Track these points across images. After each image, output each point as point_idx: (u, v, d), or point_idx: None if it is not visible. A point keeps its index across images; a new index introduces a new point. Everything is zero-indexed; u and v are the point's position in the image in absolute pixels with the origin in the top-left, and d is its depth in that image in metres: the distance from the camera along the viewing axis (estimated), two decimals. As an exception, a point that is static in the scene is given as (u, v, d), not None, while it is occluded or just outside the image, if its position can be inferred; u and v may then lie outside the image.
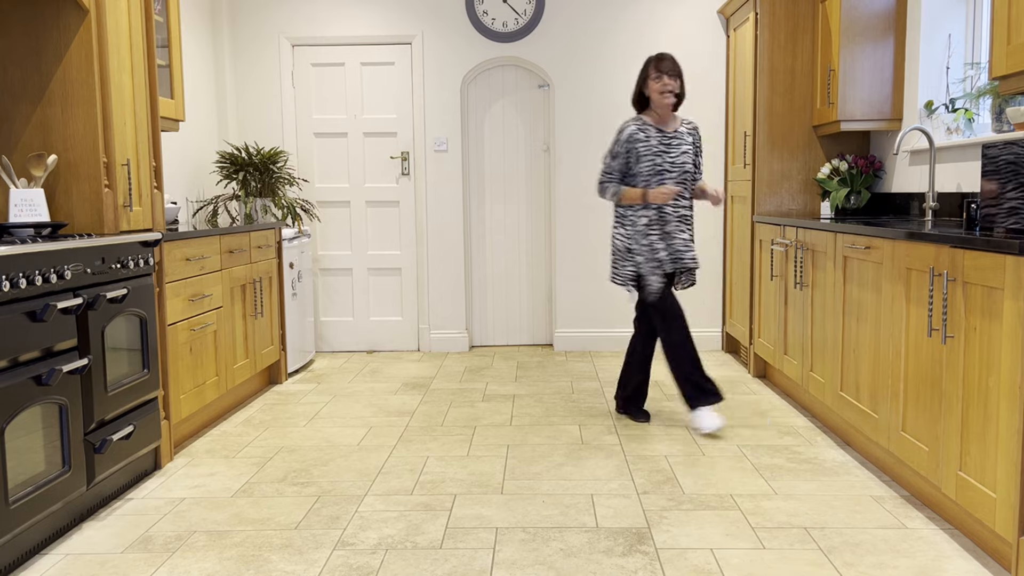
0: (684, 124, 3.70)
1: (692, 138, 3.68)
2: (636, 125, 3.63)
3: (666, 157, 3.60)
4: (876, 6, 4.11)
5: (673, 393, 4.26)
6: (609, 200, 3.74)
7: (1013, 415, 2.12)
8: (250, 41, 5.40)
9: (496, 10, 5.29)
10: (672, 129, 3.66)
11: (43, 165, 2.84)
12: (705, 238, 5.39)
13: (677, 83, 3.59)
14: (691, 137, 3.68)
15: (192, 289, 3.53)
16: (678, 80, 3.60)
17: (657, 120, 3.66)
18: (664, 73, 3.57)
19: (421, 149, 5.42)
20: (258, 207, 4.80)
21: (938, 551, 2.38)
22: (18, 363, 2.34)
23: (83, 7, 2.89)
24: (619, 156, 3.64)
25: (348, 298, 5.57)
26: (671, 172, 3.61)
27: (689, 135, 3.68)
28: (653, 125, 3.64)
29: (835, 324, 3.36)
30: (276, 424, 3.81)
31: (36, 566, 2.37)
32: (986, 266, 2.22)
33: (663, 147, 3.61)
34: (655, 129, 3.63)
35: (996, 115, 3.28)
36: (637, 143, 3.60)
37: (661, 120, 3.66)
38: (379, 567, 2.32)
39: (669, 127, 3.66)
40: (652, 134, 3.61)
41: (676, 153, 3.62)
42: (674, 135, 3.64)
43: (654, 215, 3.62)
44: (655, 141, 3.61)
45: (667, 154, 3.61)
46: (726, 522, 2.60)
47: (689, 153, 3.65)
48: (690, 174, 3.66)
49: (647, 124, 3.63)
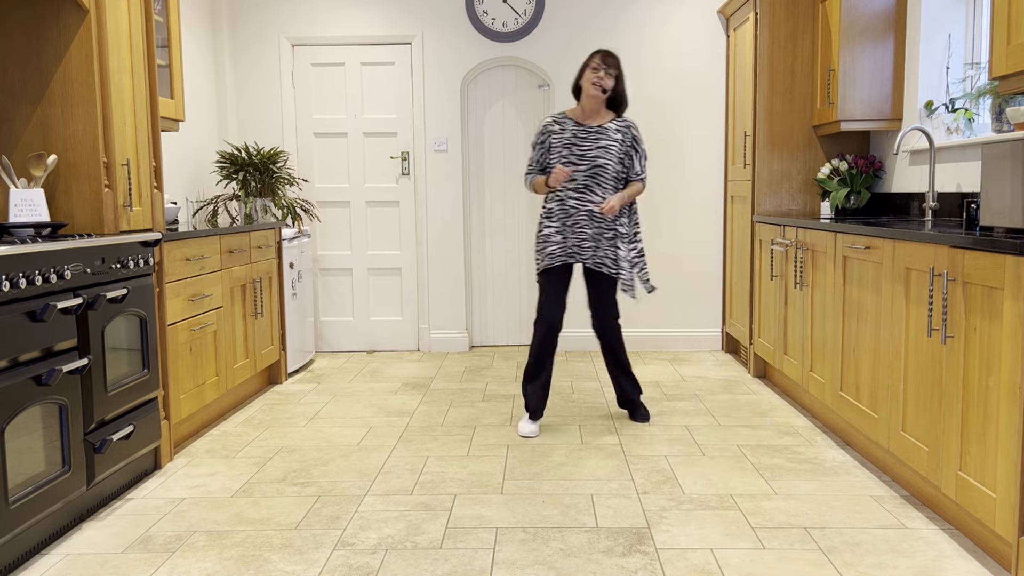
0: (615, 121, 3.60)
1: (621, 135, 3.57)
2: (553, 117, 3.63)
3: (575, 149, 3.52)
4: (876, 6, 4.11)
5: (673, 393, 4.26)
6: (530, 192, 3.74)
7: (1013, 415, 2.12)
8: (250, 41, 5.40)
9: (496, 10, 5.29)
10: (595, 124, 3.57)
11: (43, 165, 2.84)
12: (705, 238, 5.40)
13: (611, 81, 3.52)
14: (619, 135, 3.57)
15: (192, 289, 3.53)
16: (615, 79, 3.54)
17: (581, 114, 3.60)
18: (604, 67, 3.52)
19: (421, 149, 5.42)
20: (258, 207, 4.80)
21: (938, 551, 2.38)
22: (18, 363, 2.34)
23: (83, 7, 2.89)
24: (536, 147, 3.64)
25: (348, 298, 5.57)
26: (579, 165, 3.52)
27: (618, 132, 3.57)
28: (572, 118, 3.59)
29: (835, 324, 3.36)
30: (276, 424, 3.81)
31: (36, 566, 2.37)
32: (986, 266, 2.22)
33: (576, 139, 3.53)
34: (573, 122, 3.58)
35: (996, 115, 3.28)
36: (551, 135, 3.58)
37: (586, 114, 3.59)
38: (379, 567, 2.32)
39: (592, 121, 3.58)
40: (568, 127, 3.57)
41: (590, 147, 3.52)
42: (595, 129, 3.55)
43: (555, 206, 3.59)
44: (569, 133, 3.55)
45: (578, 147, 3.52)
46: (726, 522, 2.60)
47: (611, 150, 3.54)
48: (605, 169, 3.53)
49: (566, 117, 3.60)
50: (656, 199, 5.39)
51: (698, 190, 5.38)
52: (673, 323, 5.45)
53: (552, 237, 3.59)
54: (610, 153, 3.54)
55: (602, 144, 3.53)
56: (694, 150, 5.36)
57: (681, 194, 5.38)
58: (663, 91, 5.33)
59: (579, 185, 3.54)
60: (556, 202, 3.58)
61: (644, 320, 5.45)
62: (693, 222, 5.40)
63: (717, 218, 5.39)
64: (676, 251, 5.41)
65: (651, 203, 5.40)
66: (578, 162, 3.54)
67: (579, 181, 3.54)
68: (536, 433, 3.57)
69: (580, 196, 3.55)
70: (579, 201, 3.55)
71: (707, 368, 4.86)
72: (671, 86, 5.33)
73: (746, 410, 3.92)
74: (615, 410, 3.95)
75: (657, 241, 5.41)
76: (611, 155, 3.54)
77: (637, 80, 5.33)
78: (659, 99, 5.33)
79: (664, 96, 5.33)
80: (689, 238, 5.40)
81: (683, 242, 5.41)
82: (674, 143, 5.35)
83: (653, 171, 5.38)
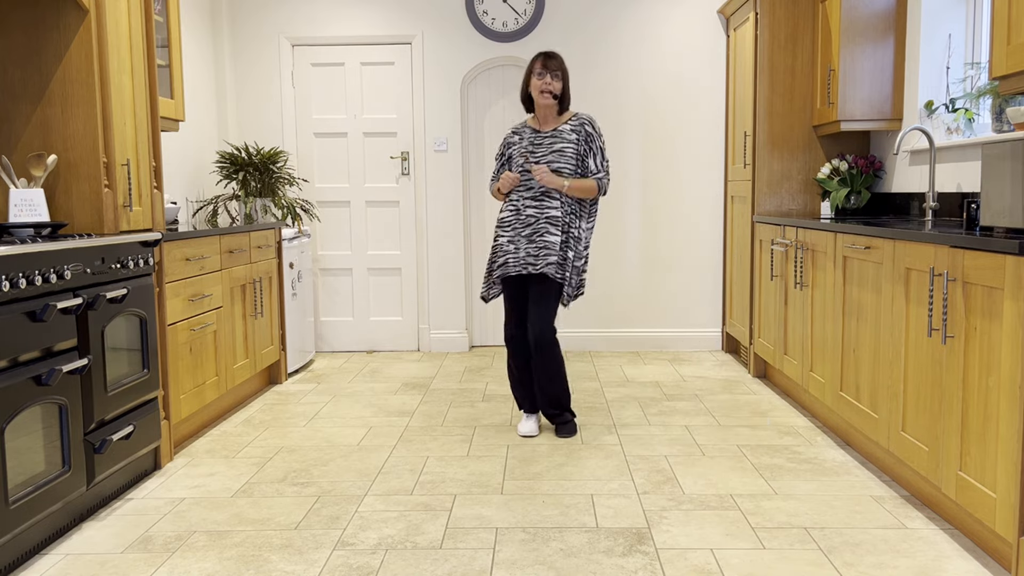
0: (570, 121, 3.51)
1: (576, 135, 3.47)
2: (514, 128, 3.61)
3: (530, 157, 3.46)
4: (876, 6, 4.11)
5: (673, 393, 4.26)
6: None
7: (1013, 415, 2.12)
8: (250, 41, 5.40)
9: (496, 10, 5.29)
10: (550, 128, 3.51)
11: (43, 165, 2.84)
12: (705, 238, 5.40)
13: (559, 84, 3.45)
14: (574, 135, 3.47)
15: (192, 289, 3.53)
16: (560, 81, 3.45)
17: (535, 121, 3.56)
18: (548, 71, 3.44)
19: (421, 149, 5.42)
20: (258, 207, 4.80)
21: (938, 551, 2.38)
22: (18, 363, 2.34)
23: (83, 7, 2.88)
24: (498, 159, 3.63)
25: (348, 298, 5.57)
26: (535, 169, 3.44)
27: (572, 132, 3.47)
28: (531, 127, 3.56)
29: (835, 324, 3.36)
30: (276, 424, 3.81)
31: (36, 566, 2.37)
32: (986, 266, 2.22)
33: (532, 147, 3.48)
34: (531, 130, 3.54)
35: (996, 115, 3.28)
36: (511, 147, 3.57)
37: (541, 121, 3.54)
38: (379, 567, 2.32)
39: (547, 127, 3.52)
40: (526, 135, 3.53)
41: (544, 152, 3.45)
42: (550, 134, 3.48)
43: (510, 215, 3.50)
44: (526, 142, 3.51)
45: (533, 154, 3.47)
46: (726, 522, 2.60)
47: (566, 152, 3.44)
48: (560, 174, 3.43)
49: (526, 126, 3.57)
50: (656, 199, 5.39)
51: (698, 190, 5.37)
52: (673, 323, 5.45)
53: (505, 247, 3.50)
54: (564, 156, 3.44)
55: (556, 148, 3.46)
56: (694, 150, 5.36)
57: (681, 194, 5.38)
58: (663, 91, 5.32)
59: (536, 193, 3.44)
60: (511, 211, 3.50)
61: (644, 320, 5.45)
62: (693, 222, 5.40)
63: (717, 218, 5.39)
64: (676, 251, 5.41)
65: (651, 203, 5.40)
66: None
67: (535, 188, 3.45)
68: (536, 431, 3.56)
69: (538, 203, 3.45)
70: (537, 209, 3.45)
71: (707, 368, 4.86)
72: (671, 86, 5.32)
73: (746, 410, 3.92)
74: (615, 410, 3.95)
75: (657, 241, 5.41)
76: (566, 157, 3.44)
77: (637, 80, 5.33)
78: (659, 99, 5.33)
79: (664, 96, 5.33)
80: (689, 238, 5.40)
81: (683, 242, 5.41)
82: (674, 143, 5.35)
83: (653, 171, 5.38)
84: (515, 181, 3.45)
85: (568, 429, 3.56)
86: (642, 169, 5.38)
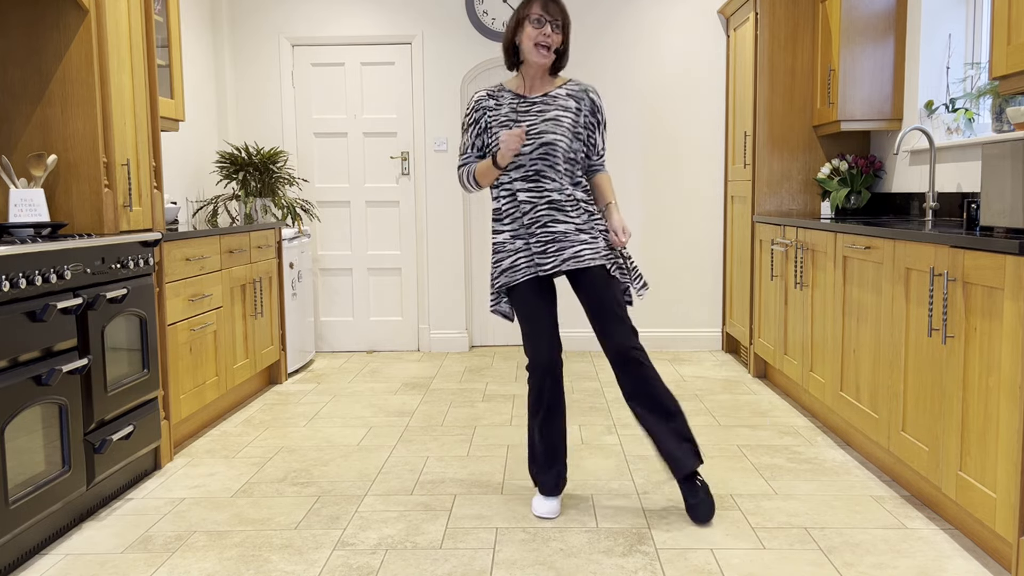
0: (567, 86, 2.73)
1: (576, 103, 2.70)
2: (487, 91, 2.76)
3: (513, 126, 2.66)
4: (876, 6, 4.11)
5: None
6: (470, 189, 2.77)
7: (1013, 415, 2.12)
8: (250, 41, 5.40)
9: (496, 10, 5.29)
10: (539, 93, 2.72)
11: (43, 165, 2.84)
12: (705, 238, 5.40)
13: (559, 37, 2.66)
14: (573, 102, 2.70)
15: (192, 289, 3.53)
16: (561, 34, 2.67)
17: (520, 84, 2.75)
18: (548, 17, 2.64)
19: (421, 149, 5.42)
20: (258, 207, 4.80)
21: (938, 551, 2.38)
22: (18, 363, 2.34)
23: (83, 7, 2.88)
24: (469, 128, 2.76)
25: (348, 298, 5.57)
26: (522, 148, 2.64)
27: (570, 98, 2.70)
28: (511, 90, 2.74)
29: (835, 324, 3.36)
30: (276, 424, 3.81)
31: (36, 566, 2.37)
32: (986, 266, 2.22)
33: (518, 115, 2.68)
34: (512, 94, 2.72)
35: (996, 115, 3.28)
36: (486, 112, 2.72)
37: (528, 83, 2.73)
38: (379, 567, 2.32)
39: (536, 91, 2.72)
40: (506, 100, 2.72)
41: (534, 119, 2.65)
42: (540, 99, 2.69)
43: (506, 203, 2.70)
44: (507, 108, 2.70)
45: (520, 123, 2.66)
46: (726, 522, 2.60)
47: (561, 122, 2.66)
48: (555, 147, 2.64)
49: (504, 89, 2.75)
50: (656, 199, 5.39)
51: (698, 190, 5.37)
52: (673, 323, 5.45)
53: (507, 245, 2.71)
54: (560, 126, 2.65)
55: (550, 116, 2.66)
56: (694, 150, 5.35)
57: (681, 194, 5.38)
58: (663, 91, 5.32)
59: (527, 172, 2.64)
60: (505, 198, 2.70)
61: (644, 320, 5.45)
62: (693, 222, 5.40)
63: (717, 218, 5.39)
64: (676, 251, 5.41)
65: (651, 203, 5.40)
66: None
67: (526, 167, 2.64)
68: (558, 512, 2.69)
69: (532, 185, 2.65)
70: (532, 192, 2.64)
71: (707, 368, 4.86)
72: (671, 86, 5.32)
73: (746, 410, 3.92)
74: (615, 410, 3.95)
75: (657, 241, 5.41)
76: (562, 128, 2.65)
77: (637, 80, 5.33)
78: (659, 99, 5.33)
79: (664, 96, 5.33)
80: (689, 238, 5.40)
81: (683, 242, 5.41)
82: (674, 143, 5.35)
83: (653, 171, 5.38)
84: (520, 137, 2.58)
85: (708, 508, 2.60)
86: (642, 169, 5.37)
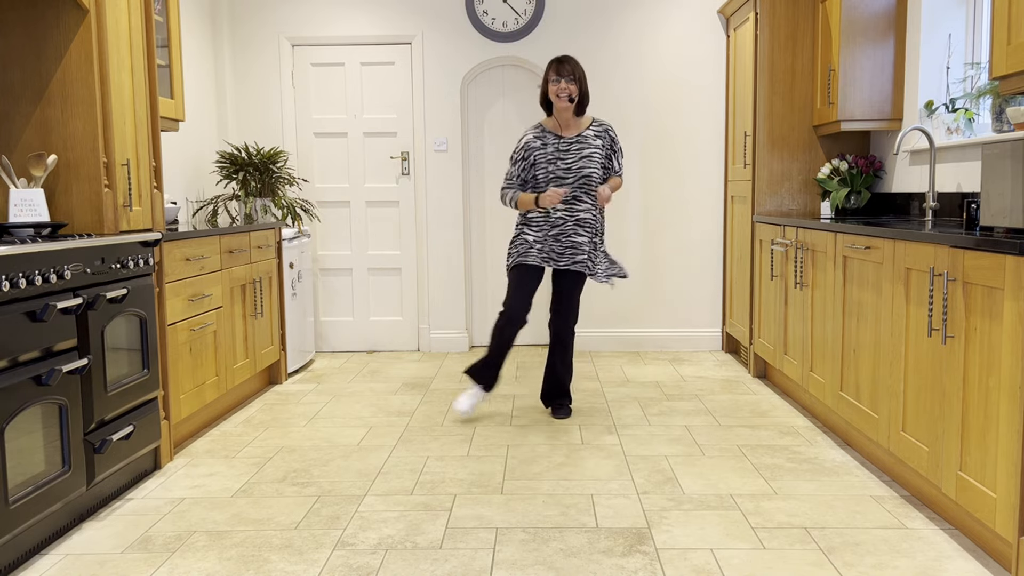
0: (592, 127, 3.69)
1: (601, 141, 3.67)
2: (533, 133, 3.69)
3: (561, 164, 3.60)
4: (876, 6, 4.11)
5: (673, 393, 4.26)
6: (509, 207, 3.83)
7: (1013, 415, 2.12)
8: (250, 41, 5.40)
9: (496, 10, 5.29)
10: (574, 134, 3.66)
11: (43, 165, 2.84)
12: (705, 238, 5.40)
13: (575, 87, 3.59)
14: (599, 140, 3.66)
15: (192, 289, 3.53)
16: (576, 83, 3.60)
17: (557, 126, 3.68)
18: (562, 76, 3.59)
19: (421, 149, 5.42)
20: (258, 207, 4.80)
21: (938, 551, 2.38)
22: (18, 363, 2.34)
23: (83, 7, 2.88)
24: (518, 163, 3.70)
25: (348, 298, 5.57)
26: (566, 178, 3.61)
27: (597, 138, 3.66)
28: (552, 131, 3.67)
29: (835, 324, 3.36)
30: (276, 424, 3.81)
31: (36, 566, 2.37)
32: (986, 266, 2.22)
33: (560, 152, 3.61)
34: (553, 136, 3.65)
35: (996, 115, 3.28)
36: (533, 151, 3.65)
37: (562, 125, 3.67)
38: (379, 567, 2.32)
39: (570, 132, 3.66)
40: (549, 140, 3.64)
41: (574, 159, 3.61)
42: (575, 140, 3.64)
43: (540, 215, 3.68)
44: (551, 148, 3.62)
45: (562, 160, 3.61)
46: (726, 522, 2.60)
47: (594, 158, 3.63)
48: (591, 178, 3.63)
49: (545, 131, 3.68)
50: (656, 199, 5.39)
51: (698, 190, 5.37)
52: (673, 323, 5.45)
53: (527, 239, 3.70)
54: (593, 162, 3.62)
55: (585, 154, 3.62)
56: (694, 150, 5.36)
57: (681, 194, 5.38)
58: (663, 91, 5.32)
59: (567, 196, 3.63)
60: (541, 214, 3.67)
61: (644, 320, 5.45)
62: (693, 222, 5.40)
63: (717, 218, 5.39)
64: (676, 251, 5.41)
65: (651, 203, 5.40)
66: (564, 175, 3.61)
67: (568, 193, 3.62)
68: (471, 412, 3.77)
69: (569, 207, 3.64)
70: (567, 212, 3.64)
71: (707, 368, 4.86)
72: (671, 86, 5.32)
73: (746, 410, 3.92)
74: (615, 410, 3.95)
75: (657, 241, 5.41)
76: (594, 163, 3.62)
77: (637, 80, 5.33)
78: (659, 99, 5.33)
79: (664, 96, 5.33)
80: (689, 238, 5.40)
81: (683, 242, 5.41)
82: (674, 143, 5.35)
83: (653, 171, 5.38)
84: (560, 196, 3.54)
85: (566, 412, 3.86)
86: (642, 169, 5.37)
